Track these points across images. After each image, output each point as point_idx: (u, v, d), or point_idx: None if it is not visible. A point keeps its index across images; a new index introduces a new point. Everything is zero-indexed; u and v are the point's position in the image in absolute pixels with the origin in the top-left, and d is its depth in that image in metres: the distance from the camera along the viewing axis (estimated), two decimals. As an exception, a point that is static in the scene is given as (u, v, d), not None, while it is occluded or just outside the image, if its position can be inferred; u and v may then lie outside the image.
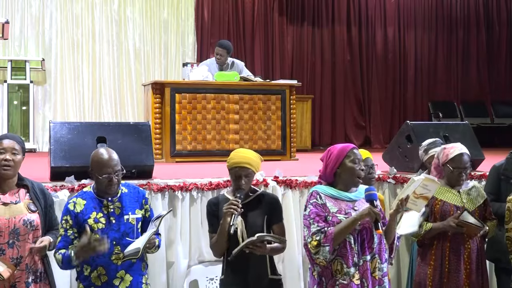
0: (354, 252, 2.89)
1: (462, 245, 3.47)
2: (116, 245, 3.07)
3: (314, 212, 2.92)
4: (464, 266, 3.47)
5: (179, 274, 4.30)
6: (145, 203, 3.25)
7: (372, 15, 10.84)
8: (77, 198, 3.15)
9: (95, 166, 3.10)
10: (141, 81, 8.80)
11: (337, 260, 2.90)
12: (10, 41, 8.42)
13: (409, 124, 5.25)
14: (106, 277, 3.08)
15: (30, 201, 3.07)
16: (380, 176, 4.87)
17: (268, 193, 3.44)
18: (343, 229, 2.86)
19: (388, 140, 9.48)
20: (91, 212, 3.10)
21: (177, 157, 6.31)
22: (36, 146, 8.61)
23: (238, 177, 3.17)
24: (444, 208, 3.51)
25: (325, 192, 2.98)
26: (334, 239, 2.85)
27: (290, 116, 6.78)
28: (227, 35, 9.69)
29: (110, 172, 3.06)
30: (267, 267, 3.18)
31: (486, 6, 11.49)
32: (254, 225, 3.16)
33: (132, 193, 3.23)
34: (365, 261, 2.91)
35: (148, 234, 3.04)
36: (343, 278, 2.87)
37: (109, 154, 3.11)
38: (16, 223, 2.99)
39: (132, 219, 3.14)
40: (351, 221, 2.86)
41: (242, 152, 3.30)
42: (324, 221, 2.90)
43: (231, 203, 3.05)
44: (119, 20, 9.33)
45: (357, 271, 2.88)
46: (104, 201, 3.13)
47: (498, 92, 11.42)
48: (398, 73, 10.99)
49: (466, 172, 3.55)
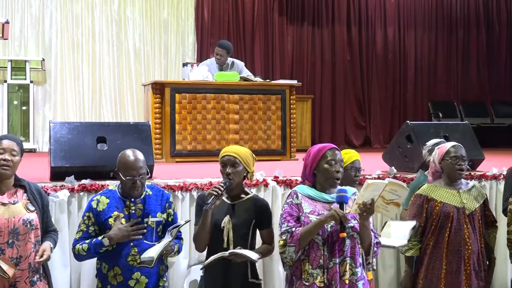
0: (321, 253, 2.87)
1: (463, 247, 3.46)
2: (134, 247, 3.10)
3: (287, 212, 2.94)
4: (465, 268, 3.47)
5: (179, 274, 4.30)
6: (169, 207, 3.26)
7: (372, 15, 10.84)
8: (101, 196, 3.19)
9: (121, 167, 3.13)
10: (141, 81, 8.80)
11: (305, 260, 2.90)
12: (10, 41, 8.42)
13: (409, 124, 5.25)
14: (121, 277, 3.10)
15: (28, 201, 3.08)
16: (380, 176, 4.86)
17: (259, 198, 3.39)
18: (309, 230, 2.84)
19: (388, 140, 9.48)
20: (113, 211, 3.13)
21: (177, 157, 6.31)
22: (36, 146, 8.61)
23: (224, 166, 3.17)
24: (444, 210, 3.49)
25: (303, 192, 2.98)
26: (300, 240, 2.84)
27: (290, 116, 6.78)
28: (227, 35, 9.69)
29: (134, 174, 3.09)
30: (247, 270, 3.16)
31: (486, 6, 11.49)
32: (241, 226, 3.15)
33: (157, 195, 3.24)
34: (335, 264, 2.86)
35: (163, 243, 3.06)
36: (307, 280, 2.87)
37: (135, 156, 3.14)
38: (16, 223, 2.99)
39: (151, 222, 3.16)
40: (317, 222, 2.84)
41: (232, 146, 3.34)
42: (295, 221, 2.90)
43: (214, 186, 3.05)
44: (119, 20, 9.33)
45: (321, 273, 2.85)
46: (127, 201, 3.15)
47: (498, 92, 11.42)
48: (398, 73, 10.99)
49: (465, 163, 3.53)
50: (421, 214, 3.55)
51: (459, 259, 3.46)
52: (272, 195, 4.48)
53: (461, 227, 3.48)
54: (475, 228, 3.52)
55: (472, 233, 3.50)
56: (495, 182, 5.08)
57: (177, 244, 3.25)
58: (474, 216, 3.53)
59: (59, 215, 3.88)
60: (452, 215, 3.48)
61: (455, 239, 3.47)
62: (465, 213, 3.50)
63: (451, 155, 3.53)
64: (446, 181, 3.59)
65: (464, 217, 3.50)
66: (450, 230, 3.47)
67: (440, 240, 3.49)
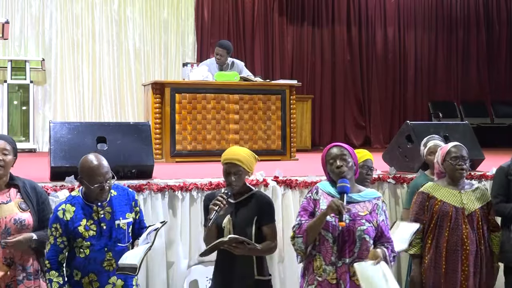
0: (332, 251, 2.89)
1: (460, 246, 3.47)
2: (108, 252, 3.03)
3: (303, 207, 3.02)
4: (462, 268, 3.47)
5: (179, 274, 4.30)
6: (135, 205, 3.19)
7: (372, 15, 10.84)
8: (66, 205, 3.05)
9: (85, 174, 2.99)
10: (141, 81, 8.80)
11: (317, 255, 2.93)
12: (10, 41, 8.42)
13: (409, 124, 5.25)
14: (98, 283, 3.04)
15: (21, 200, 3.06)
16: (380, 176, 4.87)
17: (262, 194, 3.37)
18: (314, 223, 2.90)
19: (388, 140, 9.48)
20: (81, 219, 3.02)
21: (177, 157, 6.31)
22: (36, 146, 8.61)
23: (227, 174, 3.15)
24: (443, 208, 3.52)
25: (324, 189, 3.02)
26: (307, 231, 2.90)
27: (290, 116, 6.78)
28: (227, 35, 9.69)
29: (101, 181, 2.97)
30: (253, 268, 3.15)
31: (486, 6, 11.49)
32: (243, 224, 3.13)
33: (122, 195, 3.16)
34: (344, 264, 2.88)
35: (144, 249, 2.98)
36: (319, 275, 2.91)
37: (99, 161, 3.00)
38: (7, 223, 2.98)
39: (123, 224, 3.09)
40: (320, 216, 2.89)
41: (234, 149, 3.26)
42: (309, 216, 2.96)
43: (216, 199, 3.03)
44: (119, 20, 9.33)
45: (334, 271, 2.88)
46: (94, 206, 3.04)
47: (498, 92, 11.42)
48: (398, 73, 10.99)
49: (466, 162, 3.55)
50: (423, 211, 3.58)
51: (456, 258, 3.48)
52: (272, 195, 4.47)
53: (459, 227, 3.49)
54: (474, 229, 3.53)
55: (471, 234, 3.51)
56: (495, 182, 5.07)
57: None
58: (473, 217, 3.54)
59: (59, 215, 3.87)
60: (451, 214, 3.49)
61: (452, 238, 3.49)
62: (464, 213, 3.51)
63: (451, 156, 3.56)
64: (449, 181, 3.62)
65: (463, 217, 3.51)
66: (448, 229, 3.49)
67: (440, 239, 3.52)
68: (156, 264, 4.17)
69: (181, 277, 4.31)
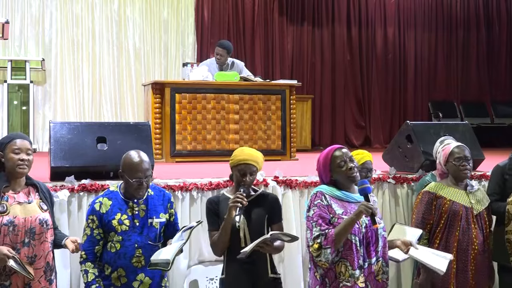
0: (360, 254, 2.85)
1: (470, 246, 3.48)
2: (138, 248, 3.09)
3: (318, 214, 2.86)
4: (470, 267, 3.48)
5: (179, 274, 4.30)
6: (170, 207, 3.26)
7: (372, 15, 10.84)
8: (103, 198, 3.17)
9: (126, 168, 3.10)
10: (141, 81, 8.80)
11: (341, 262, 2.85)
12: (10, 41, 8.41)
13: (409, 124, 5.24)
14: (125, 279, 3.10)
15: (40, 201, 3.09)
16: (380, 176, 4.87)
17: (269, 193, 3.46)
18: (342, 230, 2.80)
19: (388, 140, 9.48)
20: (116, 213, 3.12)
21: (177, 157, 6.31)
22: (36, 146, 8.60)
23: (243, 174, 3.19)
24: (453, 208, 3.51)
25: (330, 193, 2.94)
26: (335, 241, 2.80)
27: (290, 116, 6.78)
28: (227, 35, 9.69)
29: (141, 176, 3.08)
30: (267, 265, 3.20)
31: (486, 6, 11.48)
32: (256, 223, 3.17)
33: (158, 196, 3.24)
34: (370, 264, 2.88)
35: (178, 246, 3.03)
36: (347, 280, 2.82)
37: (141, 158, 3.12)
38: (32, 222, 3.00)
39: (156, 223, 3.16)
40: (349, 221, 2.81)
41: (247, 150, 3.33)
42: (327, 224, 2.85)
43: (237, 196, 3.06)
44: (119, 20, 9.33)
45: (362, 274, 2.84)
46: (130, 202, 3.14)
47: (498, 92, 11.42)
48: (398, 73, 10.98)
49: (469, 163, 3.56)
50: (430, 211, 3.55)
51: (466, 258, 3.48)
52: (272, 195, 4.47)
53: (469, 226, 3.50)
54: (482, 229, 3.54)
55: (479, 234, 3.52)
56: (495, 182, 5.08)
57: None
58: (481, 217, 3.55)
59: (59, 215, 3.88)
60: (461, 214, 3.49)
61: (463, 238, 3.48)
62: (473, 213, 3.52)
63: (455, 157, 3.56)
64: (453, 181, 3.62)
65: (472, 217, 3.52)
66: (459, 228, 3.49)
67: (450, 238, 3.50)
68: (156, 264, 4.17)
69: (181, 277, 4.31)
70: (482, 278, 3.52)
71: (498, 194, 3.78)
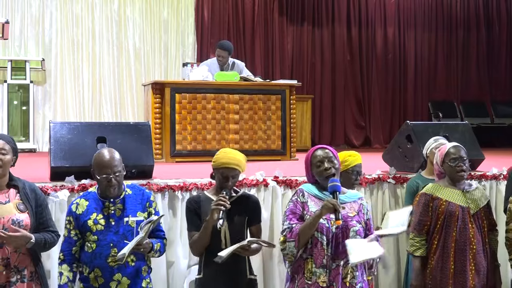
0: (325, 253, 2.87)
1: (468, 246, 3.47)
2: (113, 247, 3.06)
3: (290, 210, 2.96)
4: (470, 267, 3.47)
5: (179, 274, 4.30)
6: (149, 205, 3.23)
7: (372, 15, 10.84)
8: (81, 199, 3.17)
9: (95, 166, 3.11)
10: (141, 81, 8.80)
11: (309, 259, 2.90)
12: (10, 41, 8.41)
13: (409, 124, 5.24)
14: (102, 279, 3.07)
15: (19, 201, 3.05)
16: (380, 176, 4.87)
17: (250, 195, 3.46)
18: (307, 226, 2.86)
19: (388, 140, 9.48)
20: (92, 213, 3.10)
21: (177, 157, 6.31)
22: (36, 146, 8.61)
23: (225, 178, 3.18)
24: (449, 208, 3.51)
25: (310, 191, 3.00)
26: (299, 235, 2.86)
27: (290, 116, 6.78)
28: (227, 35, 9.69)
29: (109, 173, 3.06)
30: (246, 267, 3.20)
31: (486, 6, 11.48)
32: (237, 225, 3.18)
33: (137, 195, 3.21)
34: (338, 266, 2.88)
35: (136, 239, 3.00)
36: (309, 278, 2.88)
37: (110, 155, 3.11)
38: (5, 223, 2.96)
39: (132, 222, 3.12)
40: (314, 217, 2.85)
41: (231, 153, 3.28)
42: (298, 219, 2.91)
43: (220, 199, 3.05)
44: (119, 20, 9.33)
45: (325, 273, 2.86)
46: (106, 202, 3.12)
47: (498, 92, 11.42)
48: (398, 73, 10.99)
49: (465, 163, 3.55)
50: (427, 212, 3.56)
51: (464, 258, 3.47)
52: (272, 195, 4.48)
53: (466, 226, 3.50)
54: (479, 228, 3.54)
55: (477, 233, 3.52)
56: (495, 182, 5.09)
57: (158, 243, 3.19)
58: (478, 217, 3.55)
59: (59, 215, 3.87)
60: (458, 214, 3.49)
61: (460, 238, 3.48)
62: (470, 213, 3.52)
63: (450, 157, 3.56)
64: (450, 182, 3.61)
65: (469, 217, 3.51)
66: (456, 229, 3.49)
67: (448, 239, 3.50)
68: (156, 264, 4.15)
69: (181, 277, 4.31)
70: (483, 278, 3.51)
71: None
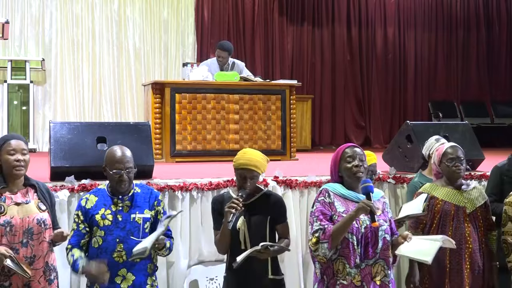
0: (357, 253, 2.88)
1: (463, 245, 3.48)
2: (119, 243, 3.09)
3: (319, 210, 2.92)
4: (465, 266, 3.48)
5: (179, 274, 4.30)
6: (157, 204, 3.26)
7: (372, 15, 10.84)
8: (90, 195, 3.23)
9: (108, 161, 3.17)
10: (141, 81, 8.80)
11: (339, 259, 2.89)
12: (10, 41, 8.42)
13: (409, 124, 5.25)
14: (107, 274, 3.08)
15: (39, 201, 3.09)
16: (380, 176, 4.87)
17: (272, 193, 3.43)
18: (341, 227, 2.84)
19: (388, 140, 9.48)
20: (100, 208, 3.15)
21: (177, 157, 6.31)
22: (36, 146, 8.61)
23: (243, 179, 3.18)
24: (445, 208, 3.52)
25: (335, 191, 2.98)
26: (332, 236, 2.84)
27: (290, 116, 6.78)
28: (227, 35, 9.69)
29: (121, 168, 3.12)
30: (268, 267, 3.19)
31: (486, 6, 11.49)
32: (257, 225, 3.17)
33: (145, 193, 3.25)
34: (367, 265, 2.90)
35: (157, 233, 3.03)
36: (344, 278, 2.87)
37: (122, 151, 3.19)
38: (30, 222, 3.00)
39: (138, 219, 3.16)
40: (348, 218, 2.84)
41: (249, 153, 3.26)
42: (328, 220, 2.89)
43: (232, 202, 3.05)
44: (119, 20, 9.33)
45: (358, 273, 2.87)
46: (115, 198, 3.17)
47: (498, 92, 11.43)
48: (398, 73, 10.99)
49: (462, 163, 3.56)
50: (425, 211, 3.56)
51: (460, 257, 3.48)
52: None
53: (461, 225, 3.50)
54: (476, 228, 3.54)
55: (473, 232, 3.52)
56: (495, 182, 5.07)
57: (168, 241, 3.22)
58: (475, 216, 3.55)
59: (59, 215, 3.87)
60: (453, 213, 3.50)
61: (455, 237, 3.47)
62: (466, 212, 3.52)
63: (448, 158, 3.57)
64: (447, 181, 3.62)
65: (464, 216, 3.52)
66: (451, 228, 3.49)
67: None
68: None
69: (181, 277, 4.31)
70: (479, 278, 3.51)
71: (496, 195, 3.81)
